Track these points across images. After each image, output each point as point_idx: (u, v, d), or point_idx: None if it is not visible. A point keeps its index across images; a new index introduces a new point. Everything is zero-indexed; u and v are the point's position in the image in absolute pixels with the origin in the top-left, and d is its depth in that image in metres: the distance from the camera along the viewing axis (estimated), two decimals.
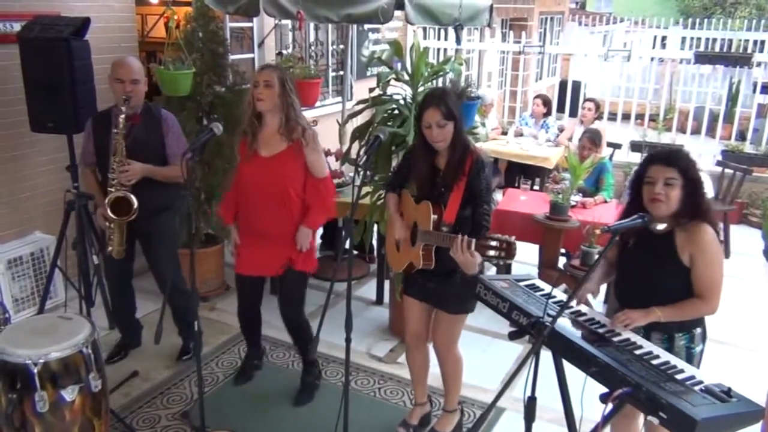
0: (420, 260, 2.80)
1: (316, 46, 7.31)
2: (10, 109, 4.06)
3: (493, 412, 3.36)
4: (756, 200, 7.07)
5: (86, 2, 4.41)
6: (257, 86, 3.08)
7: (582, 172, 4.46)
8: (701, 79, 10.09)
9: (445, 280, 2.88)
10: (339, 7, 4.48)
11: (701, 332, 2.52)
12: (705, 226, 2.39)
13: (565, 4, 15.66)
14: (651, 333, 2.48)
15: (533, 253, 5.00)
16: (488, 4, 5.62)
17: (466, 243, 2.48)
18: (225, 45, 4.62)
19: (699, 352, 2.52)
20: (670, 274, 2.44)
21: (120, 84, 3.34)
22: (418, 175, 2.88)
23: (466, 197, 2.74)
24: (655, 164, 2.41)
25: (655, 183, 2.39)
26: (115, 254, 3.49)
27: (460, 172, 2.75)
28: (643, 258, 2.51)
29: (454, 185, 2.75)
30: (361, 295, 4.95)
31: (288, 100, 3.12)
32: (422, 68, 3.90)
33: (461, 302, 2.96)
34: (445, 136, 2.73)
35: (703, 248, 2.38)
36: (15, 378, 2.45)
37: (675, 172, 2.37)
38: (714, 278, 2.39)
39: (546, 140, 6.87)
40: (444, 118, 2.69)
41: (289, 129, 3.15)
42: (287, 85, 3.12)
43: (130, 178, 3.33)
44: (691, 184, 2.38)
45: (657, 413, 1.90)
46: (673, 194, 2.37)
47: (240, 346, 4.09)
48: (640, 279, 2.52)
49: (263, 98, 3.08)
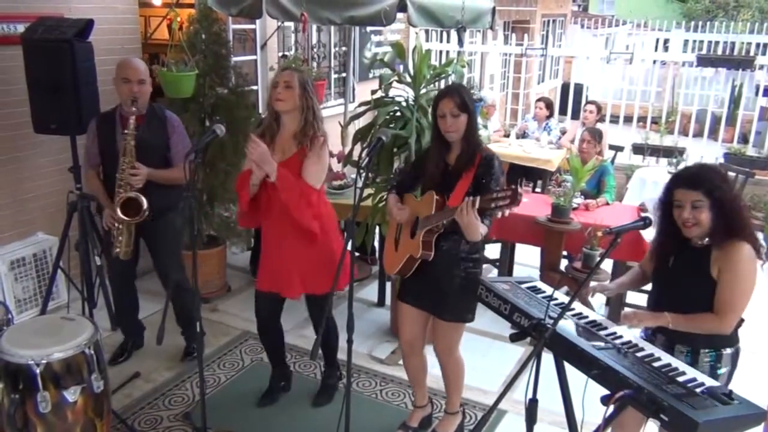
0: (419, 249, 2.79)
1: (318, 48, 7.33)
2: (13, 111, 4.07)
3: (494, 415, 3.36)
4: (758, 203, 7.06)
5: (90, 4, 4.43)
6: (277, 87, 2.99)
7: (584, 174, 4.46)
8: (703, 82, 10.10)
9: (439, 283, 2.88)
10: (342, 9, 4.50)
11: (732, 354, 2.41)
12: (741, 244, 2.29)
13: (568, 6, 15.65)
14: (675, 345, 2.41)
15: (535, 256, 5.00)
16: (490, 6, 5.63)
17: (470, 202, 2.50)
18: (228, 47, 4.63)
19: (726, 374, 2.41)
20: (699, 287, 2.36)
21: (127, 84, 3.34)
22: (430, 172, 2.89)
23: (473, 186, 2.76)
24: (680, 187, 2.34)
25: (684, 207, 2.32)
26: (122, 255, 3.48)
27: (470, 164, 2.79)
28: (679, 270, 2.43)
29: (462, 174, 2.79)
30: (362, 297, 4.96)
31: (308, 103, 3.02)
32: (424, 70, 3.90)
33: (458, 311, 2.94)
34: (458, 127, 2.77)
35: (732, 265, 2.29)
36: (18, 378, 2.46)
37: (700, 195, 2.28)
38: (735, 296, 2.29)
39: (548, 142, 6.87)
40: (458, 108, 2.74)
41: (305, 133, 3.03)
42: (308, 87, 3.03)
43: (139, 180, 3.34)
44: (719, 204, 2.27)
45: (658, 415, 1.90)
46: (702, 217, 2.29)
47: (242, 348, 4.10)
48: (673, 291, 2.45)
49: (283, 98, 2.98)
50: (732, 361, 2.42)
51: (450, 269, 2.87)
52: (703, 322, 2.34)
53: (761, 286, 5.64)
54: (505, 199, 2.38)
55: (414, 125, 3.76)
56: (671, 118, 9.54)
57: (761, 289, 5.45)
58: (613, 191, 5.07)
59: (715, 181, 2.30)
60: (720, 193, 2.28)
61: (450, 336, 3.05)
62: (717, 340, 2.37)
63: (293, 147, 3.05)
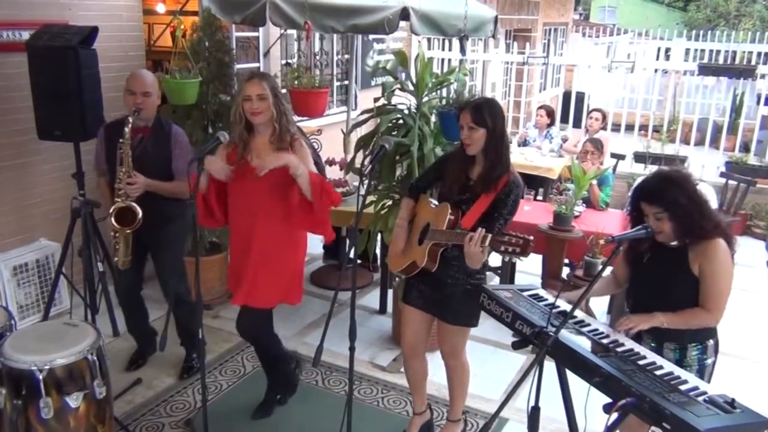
0: (425, 259, 2.77)
1: (321, 55, 7.35)
2: (18, 117, 4.10)
3: (496, 422, 3.34)
4: (760, 212, 7.07)
5: (94, 11, 4.46)
6: (250, 100, 2.89)
7: (586, 182, 4.47)
8: (705, 91, 10.11)
9: (444, 288, 2.88)
10: (345, 18, 4.52)
11: (714, 344, 2.53)
12: (717, 240, 2.40)
13: (569, 15, 15.71)
14: (664, 343, 2.50)
15: (537, 264, 5.00)
16: (493, 15, 5.66)
17: (482, 236, 2.45)
18: (231, 54, 4.66)
19: (711, 364, 2.53)
20: (682, 285, 2.46)
21: (131, 95, 3.35)
22: (450, 180, 2.87)
23: (489, 211, 2.73)
24: (642, 200, 2.47)
25: (649, 217, 2.44)
26: (121, 265, 3.46)
27: (492, 186, 2.74)
28: (657, 270, 2.52)
29: (482, 194, 2.74)
30: (364, 305, 4.96)
31: (281, 108, 2.95)
32: (427, 78, 3.92)
33: (462, 316, 2.94)
34: (474, 141, 2.74)
35: (711, 259, 2.40)
36: (20, 384, 2.46)
37: (658, 207, 2.40)
38: (719, 289, 2.41)
39: (550, 150, 6.88)
40: (474, 122, 2.71)
41: (281, 138, 2.96)
42: (278, 92, 2.96)
43: (135, 190, 3.33)
44: (677, 213, 2.38)
45: (661, 424, 1.90)
46: (665, 227, 2.41)
47: (243, 355, 4.10)
48: (653, 290, 2.53)
49: (260, 111, 2.90)
50: (715, 351, 2.54)
51: (455, 277, 2.87)
52: (694, 317, 2.44)
53: (763, 295, 5.63)
54: (516, 247, 2.34)
55: (416, 133, 3.77)
56: (673, 126, 9.55)
57: (763, 298, 5.45)
58: (608, 198, 5.09)
59: (671, 194, 2.39)
60: (675, 206, 2.38)
61: (455, 339, 3.04)
62: (701, 334, 2.48)
63: (270, 154, 2.94)
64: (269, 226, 3.01)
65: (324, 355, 2.46)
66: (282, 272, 3.09)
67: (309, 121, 6.51)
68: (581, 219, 4.62)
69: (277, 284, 3.09)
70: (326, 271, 5.45)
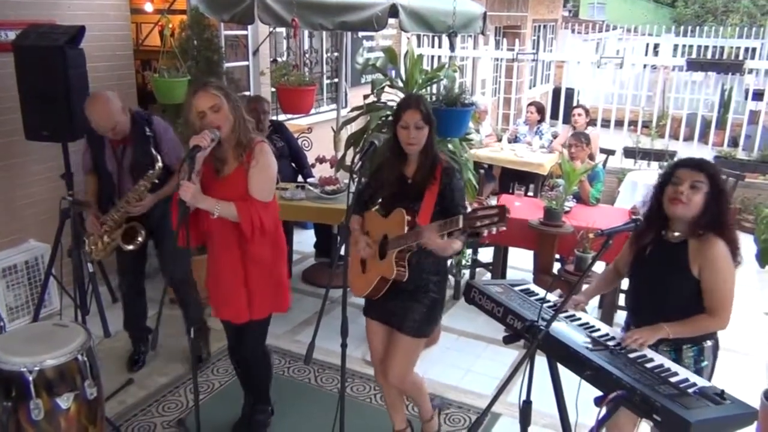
0: (393, 270, 2.66)
1: (310, 53, 7.34)
2: (5, 118, 4.07)
3: (488, 418, 3.37)
4: (749, 206, 7.12)
5: (81, 11, 4.43)
6: (205, 117, 2.63)
7: (576, 178, 4.49)
8: (693, 86, 10.18)
9: (411, 298, 2.78)
10: (334, 15, 4.52)
11: (712, 345, 2.45)
12: (717, 241, 2.33)
13: (558, 11, 15.74)
14: (659, 345, 2.42)
15: (528, 259, 5.02)
16: (481, 11, 5.68)
17: (454, 221, 2.40)
18: (220, 53, 4.65)
19: (709, 367, 2.44)
20: (679, 284, 2.39)
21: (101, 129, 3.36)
22: (388, 184, 2.80)
23: (439, 202, 2.69)
24: (684, 168, 2.37)
25: (681, 183, 2.33)
26: (93, 255, 3.56)
27: (431, 178, 2.70)
28: (655, 267, 2.46)
29: (425, 190, 2.70)
30: (356, 302, 4.93)
31: (238, 113, 2.72)
32: (416, 75, 3.92)
33: (423, 324, 2.82)
34: (421, 140, 2.69)
35: (712, 263, 2.33)
36: (10, 386, 2.45)
37: (703, 177, 2.32)
38: (723, 294, 2.35)
39: (540, 147, 6.91)
40: (423, 120, 2.67)
41: (242, 144, 2.74)
42: (231, 96, 2.73)
43: (139, 211, 3.44)
44: (716, 193, 2.32)
45: (651, 416, 1.91)
46: (696, 198, 2.31)
47: None
48: (651, 287, 2.48)
49: (219, 123, 2.64)
50: (713, 352, 2.46)
51: (417, 284, 2.77)
52: (700, 324, 2.38)
53: (752, 288, 5.66)
54: (493, 217, 2.29)
55: None
56: (662, 121, 9.60)
57: (752, 291, 5.49)
58: (599, 194, 5.11)
59: (717, 170, 2.38)
60: (716, 181, 2.34)
61: (410, 355, 2.87)
62: (698, 335, 2.41)
63: (234, 161, 2.77)
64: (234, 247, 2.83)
65: (316, 352, 2.46)
66: (267, 282, 2.95)
67: (299, 119, 6.51)
68: (572, 214, 4.64)
69: (267, 294, 2.97)
70: (317, 269, 5.44)
